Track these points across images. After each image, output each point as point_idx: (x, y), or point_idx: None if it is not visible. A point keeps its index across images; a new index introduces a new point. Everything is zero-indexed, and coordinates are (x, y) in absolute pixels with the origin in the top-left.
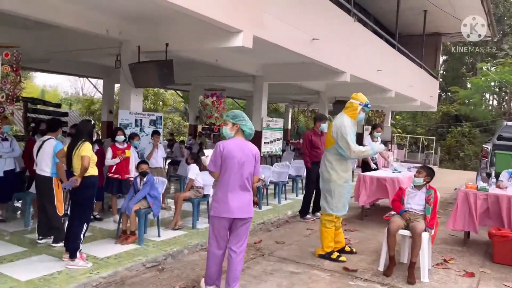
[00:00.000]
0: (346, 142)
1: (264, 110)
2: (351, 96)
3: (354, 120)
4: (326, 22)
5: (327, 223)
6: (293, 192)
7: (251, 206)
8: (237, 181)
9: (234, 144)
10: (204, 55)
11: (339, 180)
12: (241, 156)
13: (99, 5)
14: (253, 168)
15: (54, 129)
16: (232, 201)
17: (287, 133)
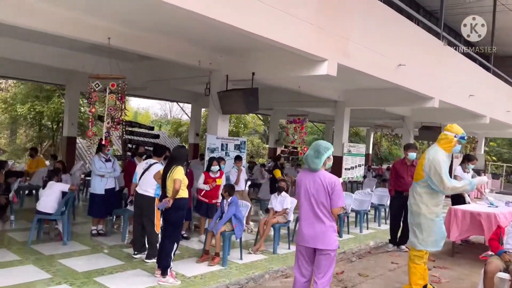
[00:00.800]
0: (440, 178)
1: (345, 135)
2: (445, 127)
3: (449, 153)
4: (414, 47)
5: (416, 259)
6: (375, 221)
7: (327, 237)
8: (309, 210)
9: (305, 174)
10: (287, 82)
11: (429, 215)
12: (310, 185)
13: (194, 39)
14: (326, 198)
15: (160, 154)
16: (305, 229)
17: (368, 158)
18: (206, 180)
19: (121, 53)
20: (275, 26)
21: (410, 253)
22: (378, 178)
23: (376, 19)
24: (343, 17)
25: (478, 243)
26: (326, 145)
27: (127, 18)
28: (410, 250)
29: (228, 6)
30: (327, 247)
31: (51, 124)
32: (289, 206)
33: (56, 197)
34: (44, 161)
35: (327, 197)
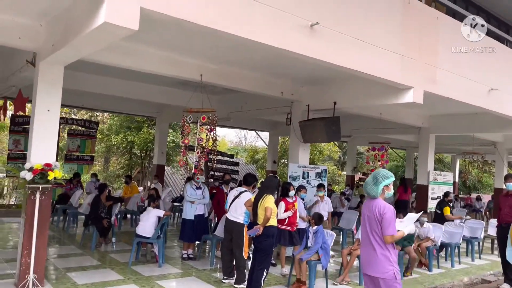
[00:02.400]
0: None
1: (430, 163)
2: None
3: None
4: (506, 70)
5: None
6: (467, 256)
7: (379, 265)
8: (365, 237)
9: (367, 202)
10: (369, 110)
11: None
12: (367, 213)
13: (276, 71)
14: (377, 226)
15: (250, 183)
16: (362, 256)
17: (455, 186)
18: (287, 206)
19: (209, 87)
20: (358, 56)
21: None
22: (467, 209)
23: (464, 43)
24: (429, 44)
25: None
26: (385, 174)
27: (217, 55)
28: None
29: (312, 40)
30: (378, 275)
31: (140, 152)
32: None
33: (153, 222)
34: (137, 188)
35: (377, 224)
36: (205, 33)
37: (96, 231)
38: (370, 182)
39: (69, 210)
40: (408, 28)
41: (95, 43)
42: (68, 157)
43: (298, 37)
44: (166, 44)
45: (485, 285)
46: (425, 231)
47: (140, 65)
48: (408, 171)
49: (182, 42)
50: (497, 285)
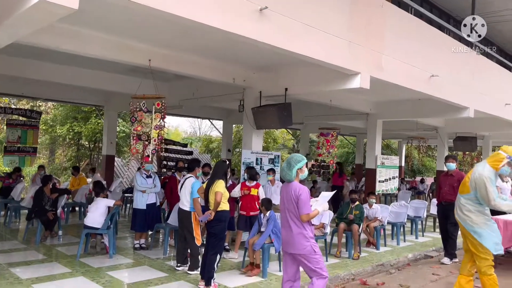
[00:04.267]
0: (487, 196)
1: (378, 148)
2: (501, 147)
3: (496, 170)
4: (446, 58)
5: (487, 270)
6: (412, 234)
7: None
8: (284, 218)
9: (284, 186)
10: (319, 96)
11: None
12: (285, 196)
13: (228, 57)
14: (294, 207)
15: (192, 168)
16: (283, 235)
17: (401, 170)
18: (242, 188)
19: (159, 73)
20: (308, 42)
21: (479, 266)
22: (412, 191)
23: (408, 31)
24: (375, 31)
25: None
26: (297, 158)
27: (167, 41)
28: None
29: (262, 25)
30: (298, 252)
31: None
32: (327, 220)
33: (102, 212)
34: (86, 179)
35: (294, 205)
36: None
37: (40, 225)
38: (285, 168)
39: (11, 204)
40: (355, 15)
41: (31, 23)
42: (8, 149)
43: (247, 21)
44: (112, 27)
45: (428, 260)
46: (373, 212)
47: (83, 49)
48: (358, 157)
49: (129, 26)
50: (438, 260)
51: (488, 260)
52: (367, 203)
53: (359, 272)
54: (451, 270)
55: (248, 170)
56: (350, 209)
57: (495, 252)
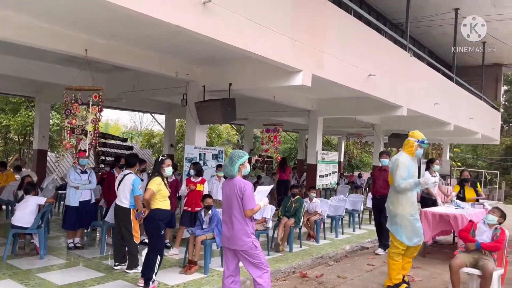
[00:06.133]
0: (395, 179)
1: (319, 144)
2: (409, 133)
3: (412, 156)
4: (382, 58)
5: (394, 256)
6: (349, 227)
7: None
8: (226, 214)
9: (226, 182)
10: (262, 92)
11: (405, 214)
12: (227, 192)
13: (170, 50)
14: (238, 203)
15: (132, 164)
16: (224, 232)
17: (340, 166)
18: (188, 184)
19: (97, 64)
20: (251, 38)
21: (389, 251)
22: (350, 185)
23: (348, 31)
24: (317, 30)
25: (447, 244)
26: (239, 153)
27: (106, 30)
28: (389, 249)
29: (205, 18)
30: (239, 248)
31: (18, 137)
32: (269, 215)
33: (32, 211)
34: (14, 175)
35: (238, 201)
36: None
37: None
38: (227, 164)
39: None
40: (298, 14)
41: None
42: None
43: (190, 13)
44: (45, 13)
45: (364, 251)
46: (314, 206)
47: (12, 36)
48: (300, 152)
49: (64, 12)
50: (373, 251)
51: (399, 248)
52: (308, 198)
53: (299, 265)
54: (385, 260)
55: (194, 165)
56: (290, 202)
57: (409, 244)
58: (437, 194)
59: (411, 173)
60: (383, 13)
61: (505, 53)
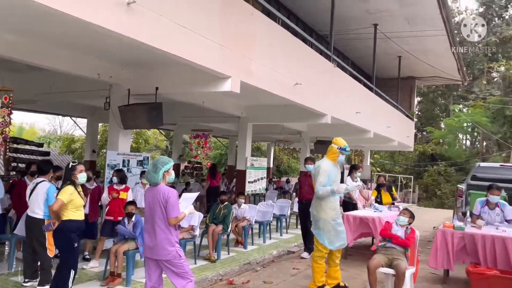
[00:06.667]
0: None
1: (248, 150)
2: (332, 140)
3: (335, 163)
4: (308, 68)
5: (318, 259)
6: (277, 232)
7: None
8: (149, 223)
9: (148, 189)
10: (192, 97)
11: (328, 218)
12: (151, 200)
13: (92, 51)
14: (162, 211)
15: (46, 172)
16: (147, 241)
17: (269, 171)
18: (110, 192)
19: (7, 63)
20: (179, 42)
21: (313, 254)
22: (279, 190)
23: (276, 41)
24: (245, 38)
25: (367, 245)
26: (164, 160)
27: (16, 25)
28: (313, 252)
29: (129, 19)
30: (162, 257)
31: None
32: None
33: None
34: None
35: (162, 209)
36: None
37: None
38: (150, 171)
39: None
40: (227, 20)
41: None
42: None
43: (113, 13)
44: None
45: (290, 256)
46: (242, 212)
47: None
48: (230, 158)
49: None
50: (299, 255)
51: (322, 252)
52: (237, 204)
53: (227, 272)
54: (310, 263)
55: (118, 172)
56: (219, 209)
57: (331, 247)
58: (358, 198)
59: (332, 179)
60: (310, 25)
61: (418, 67)
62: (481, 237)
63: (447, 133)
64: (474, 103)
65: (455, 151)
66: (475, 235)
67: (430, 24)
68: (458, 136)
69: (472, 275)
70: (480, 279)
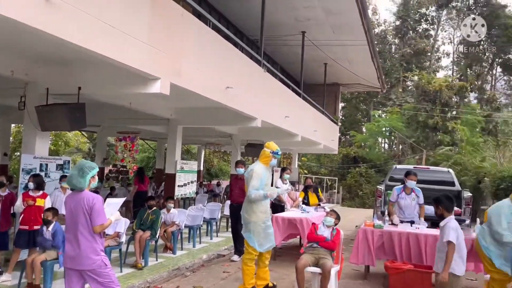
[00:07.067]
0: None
1: (178, 153)
2: (265, 144)
3: (267, 166)
4: (239, 72)
5: (248, 262)
6: (207, 235)
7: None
8: (71, 231)
9: (70, 195)
10: (118, 98)
11: (258, 221)
12: (72, 206)
13: (6, 46)
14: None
15: None
16: (68, 251)
17: (200, 175)
18: (24, 199)
19: None
20: (104, 40)
21: (243, 257)
22: (209, 194)
23: (207, 43)
24: (176, 39)
25: (295, 245)
26: (90, 165)
27: None
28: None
29: (48, 13)
30: (86, 268)
31: None
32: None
33: None
34: None
35: (86, 217)
36: None
37: None
38: (75, 175)
39: None
40: (156, 21)
41: None
42: None
43: (29, 6)
44: None
45: (220, 259)
46: (171, 217)
47: None
48: (159, 161)
49: None
50: (229, 258)
51: (252, 254)
52: (166, 208)
53: (155, 279)
54: (240, 266)
55: (34, 178)
56: (147, 214)
57: (260, 250)
58: (287, 200)
59: (264, 183)
60: (241, 29)
61: (342, 74)
62: (397, 234)
63: (368, 137)
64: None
65: (375, 153)
66: (392, 233)
67: (353, 34)
68: (378, 140)
69: (390, 270)
70: (396, 274)
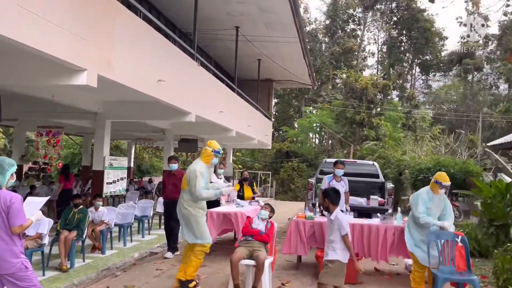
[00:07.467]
0: (194, 186)
1: (106, 149)
2: (207, 143)
3: (208, 165)
4: (172, 65)
5: (199, 254)
6: (139, 234)
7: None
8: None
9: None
10: (39, 90)
11: (197, 213)
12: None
13: None
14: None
15: None
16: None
17: (130, 171)
18: None
19: None
20: (22, 27)
21: (196, 248)
22: (140, 191)
23: (138, 34)
24: (103, 29)
25: (230, 240)
26: (10, 161)
27: None
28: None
29: None
30: (4, 272)
31: None
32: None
33: None
34: None
35: (3, 217)
36: None
37: None
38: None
39: None
40: (82, 8)
41: None
42: None
43: None
44: None
45: (153, 257)
46: (99, 215)
47: None
48: (85, 158)
49: None
50: (162, 255)
51: (205, 247)
52: (93, 207)
53: (82, 281)
54: (173, 263)
55: None
56: (73, 214)
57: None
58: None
59: (206, 180)
60: (173, 21)
61: (275, 70)
62: None
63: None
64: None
65: (306, 148)
66: (323, 223)
67: (286, 31)
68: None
69: (320, 259)
70: None
